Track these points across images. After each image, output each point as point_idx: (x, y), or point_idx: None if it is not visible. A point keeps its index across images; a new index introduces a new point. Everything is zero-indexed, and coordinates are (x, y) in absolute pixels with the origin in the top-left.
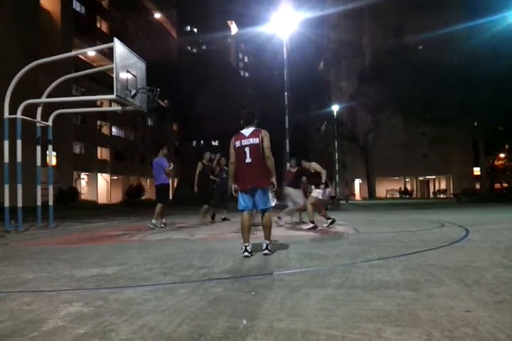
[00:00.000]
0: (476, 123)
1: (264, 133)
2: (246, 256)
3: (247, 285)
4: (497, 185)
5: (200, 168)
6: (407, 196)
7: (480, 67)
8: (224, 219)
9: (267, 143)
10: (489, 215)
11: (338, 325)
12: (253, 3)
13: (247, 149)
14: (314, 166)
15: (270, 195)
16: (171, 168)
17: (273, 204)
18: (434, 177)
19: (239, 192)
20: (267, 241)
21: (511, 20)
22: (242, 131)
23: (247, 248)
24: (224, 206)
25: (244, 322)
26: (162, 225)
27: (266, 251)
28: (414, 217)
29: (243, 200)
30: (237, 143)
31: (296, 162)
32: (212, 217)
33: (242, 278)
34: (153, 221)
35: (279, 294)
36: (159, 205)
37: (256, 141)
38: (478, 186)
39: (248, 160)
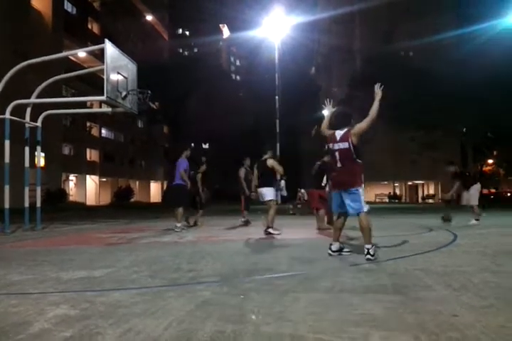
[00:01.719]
0: (464, 129)
1: (353, 131)
2: (329, 254)
3: (235, 289)
4: (485, 191)
5: (243, 174)
6: (396, 201)
7: (469, 74)
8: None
9: (357, 135)
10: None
11: (327, 329)
12: (245, 7)
13: (337, 154)
14: (270, 163)
15: (362, 198)
16: (185, 173)
17: (365, 209)
18: (422, 182)
19: (332, 193)
20: (368, 246)
21: (501, 27)
22: (336, 132)
23: (332, 247)
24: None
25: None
26: (183, 227)
27: (368, 256)
28: (403, 222)
29: (335, 202)
30: (330, 145)
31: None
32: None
33: (231, 281)
34: (178, 224)
35: (268, 298)
36: (180, 209)
37: (345, 145)
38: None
39: (339, 164)
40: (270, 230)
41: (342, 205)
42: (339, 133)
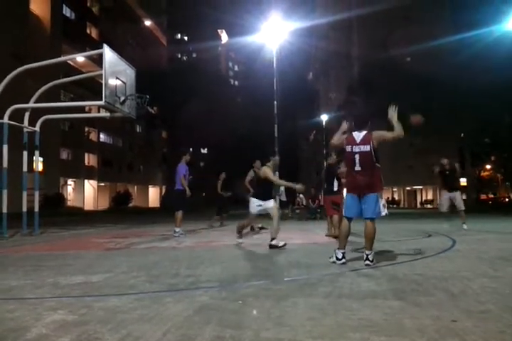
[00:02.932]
0: (462, 134)
1: (375, 135)
2: (333, 262)
3: (234, 294)
4: (483, 196)
5: (252, 177)
6: (395, 206)
7: (466, 80)
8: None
9: (378, 141)
10: (475, 226)
11: (325, 335)
12: (244, 13)
13: (356, 156)
14: (263, 172)
15: (381, 204)
16: (184, 178)
17: (383, 213)
18: (421, 187)
19: (347, 197)
20: (368, 252)
21: (498, 33)
22: (354, 134)
23: (338, 254)
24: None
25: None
26: (182, 232)
27: (367, 262)
28: (402, 227)
29: (349, 206)
30: (348, 147)
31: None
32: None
33: (230, 286)
34: (177, 229)
35: (267, 303)
36: (179, 212)
37: (367, 148)
38: (464, 197)
39: (357, 168)
40: (273, 242)
41: (357, 210)
42: (358, 135)
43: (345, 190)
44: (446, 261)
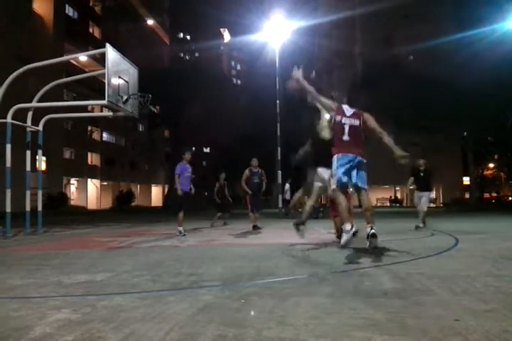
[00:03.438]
0: (465, 133)
1: (366, 116)
2: (354, 233)
3: (236, 293)
4: (486, 195)
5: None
6: (398, 204)
7: (469, 78)
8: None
9: (366, 123)
10: (479, 224)
11: (328, 334)
12: (246, 12)
13: (346, 127)
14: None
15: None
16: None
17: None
18: None
19: (337, 157)
20: (371, 224)
21: (501, 31)
22: (343, 107)
23: (348, 228)
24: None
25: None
26: (183, 232)
27: (373, 231)
28: (405, 226)
29: (343, 169)
30: (338, 117)
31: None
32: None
33: (232, 285)
34: (180, 228)
35: (269, 302)
36: (180, 213)
37: (356, 122)
38: (467, 196)
39: (346, 137)
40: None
41: (348, 175)
42: (347, 109)
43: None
44: (449, 260)
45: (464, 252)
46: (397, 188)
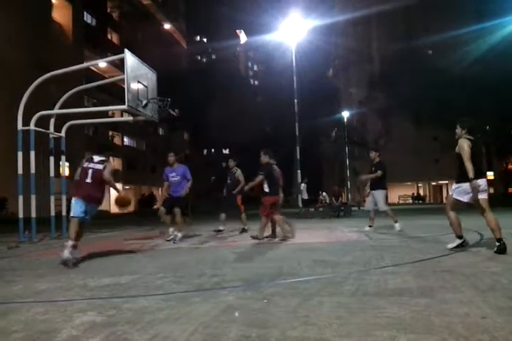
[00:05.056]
0: (487, 127)
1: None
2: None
3: (259, 293)
4: (511, 189)
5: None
6: (420, 201)
7: (490, 70)
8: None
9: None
10: (504, 220)
11: (352, 333)
12: (261, 12)
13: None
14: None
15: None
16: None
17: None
18: (447, 182)
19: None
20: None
21: None
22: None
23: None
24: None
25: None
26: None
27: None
28: (428, 223)
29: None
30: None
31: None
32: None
33: (255, 285)
34: (179, 234)
35: (292, 302)
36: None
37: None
38: (492, 190)
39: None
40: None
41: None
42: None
43: None
44: (474, 257)
45: (490, 248)
46: (420, 185)
